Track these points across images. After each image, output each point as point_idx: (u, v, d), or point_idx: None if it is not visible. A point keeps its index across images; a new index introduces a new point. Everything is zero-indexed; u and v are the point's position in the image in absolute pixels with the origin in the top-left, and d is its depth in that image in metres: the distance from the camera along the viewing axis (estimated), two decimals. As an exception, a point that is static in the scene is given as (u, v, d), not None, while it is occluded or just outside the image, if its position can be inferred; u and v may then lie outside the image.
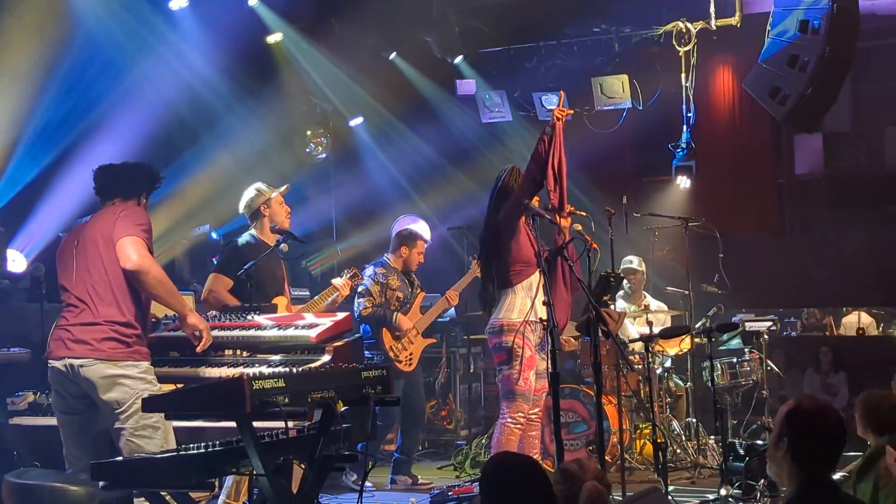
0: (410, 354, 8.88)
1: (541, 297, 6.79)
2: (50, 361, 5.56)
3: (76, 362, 5.42)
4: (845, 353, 11.96)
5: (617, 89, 12.05)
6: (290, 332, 5.94)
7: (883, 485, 5.10)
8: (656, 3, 11.60)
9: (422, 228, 9.89)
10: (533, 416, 7.16)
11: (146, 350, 5.61)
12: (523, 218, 7.00)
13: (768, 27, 9.83)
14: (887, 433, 5.37)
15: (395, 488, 8.87)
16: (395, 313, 8.78)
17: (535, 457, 7.35)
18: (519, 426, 7.02)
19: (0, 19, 8.23)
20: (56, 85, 8.81)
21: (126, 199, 5.79)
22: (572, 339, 9.54)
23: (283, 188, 7.67)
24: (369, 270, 8.90)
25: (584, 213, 7.23)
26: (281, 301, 7.21)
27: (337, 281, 7.99)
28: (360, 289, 8.74)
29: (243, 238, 7.52)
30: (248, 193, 7.60)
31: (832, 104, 10.16)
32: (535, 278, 7.02)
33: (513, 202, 6.94)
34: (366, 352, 8.76)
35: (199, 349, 5.70)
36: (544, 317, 6.86)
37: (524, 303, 7.01)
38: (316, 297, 7.97)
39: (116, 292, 5.50)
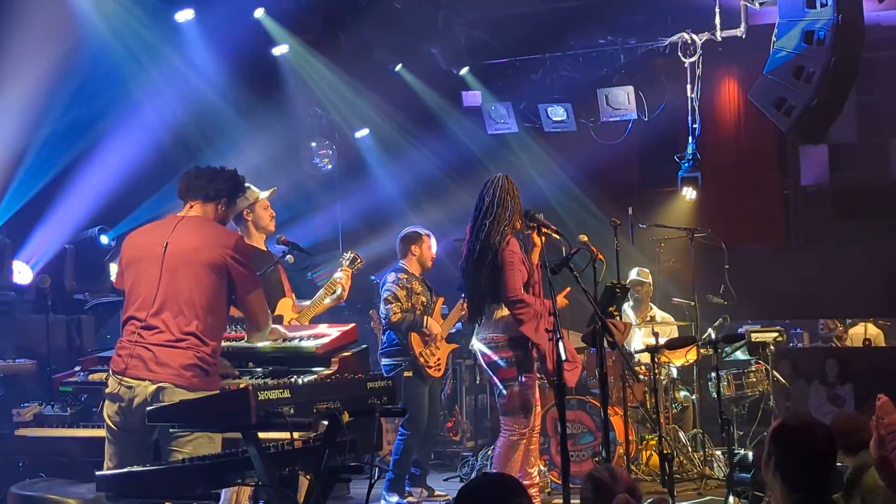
0: (439, 360, 8.68)
1: None
2: (124, 379, 5.20)
3: (157, 385, 5.12)
4: (852, 364, 11.93)
5: (622, 100, 12.06)
6: (296, 342, 5.92)
7: (871, 500, 5.07)
8: (662, 15, 11.61)
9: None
10: (535, 428, 7.17)
11: (219, 381, 5.39)
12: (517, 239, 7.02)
13: (773, 38, 9.84)
14: (861, 451, 5.33)
15: (411, 501, 8.82)
16: (426, 317, 8.54)
17: (538, 468, 7.35)
18: (525, 439, 7.02)
19: (7, 33, 8.26)
20: (62, 97, 8.84)
21: (206, 202, 5.49)
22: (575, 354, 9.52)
23: (268, 191, 7.48)
24: (391, 276, 8.61)
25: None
26: (286, 303, 7.12)
27: (337, 275, 7.56)
28: (386, 295, 8.51)
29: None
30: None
31: (837, 115, 10.17)
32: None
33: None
34: (389, 360, 8.62)
35: None
36: None
37: None
38: (319, 293, 7.55)
39: (206, 319, 5.22)
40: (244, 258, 5.34)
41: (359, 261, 7.77)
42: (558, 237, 6.95)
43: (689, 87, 11.23)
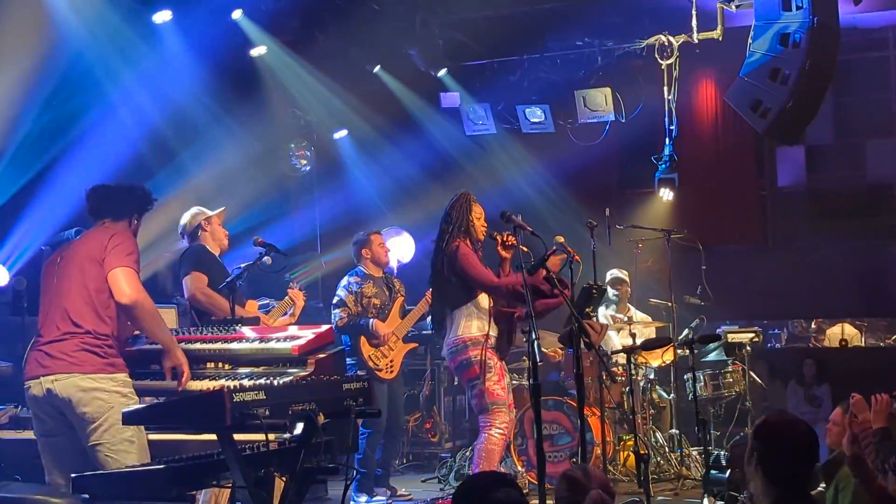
0: (391, 361, 8.79)
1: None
2: (26, 383, 5.49)
3: (51, 377, 5.36)
4: (829, 364, 11.99)
5: (600, 102, 12.09)
6: (272, 344, 5.92)
7: (842, 487, 5.16)
8: (639, 17, 11.65)
9: (405, 240, 9.91)
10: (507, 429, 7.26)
11: (121, 361, 5.55)
12: (471, 246, 7.21)
13: (749, 40, 9.88)
14: None
15: (379, 500, 8.85)
16: (372, 320, 8.69)
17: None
18: (504, 435, 7.07)
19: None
20: (39, 98, 8.81)
21: (116, 220, 5.76)
22: (559, 350, 9.55)
23: (220, 210, 7.69)
24: (343, 281, 8.92)
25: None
26: (253, 305, 7.24)
27: (292, 292, 8.06)
28: (335, 300, 8.80)
29: (198, 244, 7.59)
30: (186, 216, 7.67)
31: (813, 117, 10.21)
32: (485, 297, 7.20)
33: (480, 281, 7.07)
34: (347, 359, 8.71)
35: (180, 387, 5.65)
36: (494, 333, 7.10)
37: (481, 319, 7.13)
38: (273, 310, 7.96)
39: (90, 307, 5.48)
40: (116, 242, 5.57)
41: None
42: (527, 242, 6.99)
43: (666, 88, 11.26)
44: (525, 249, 6.88)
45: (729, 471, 7.80)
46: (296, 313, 7.96)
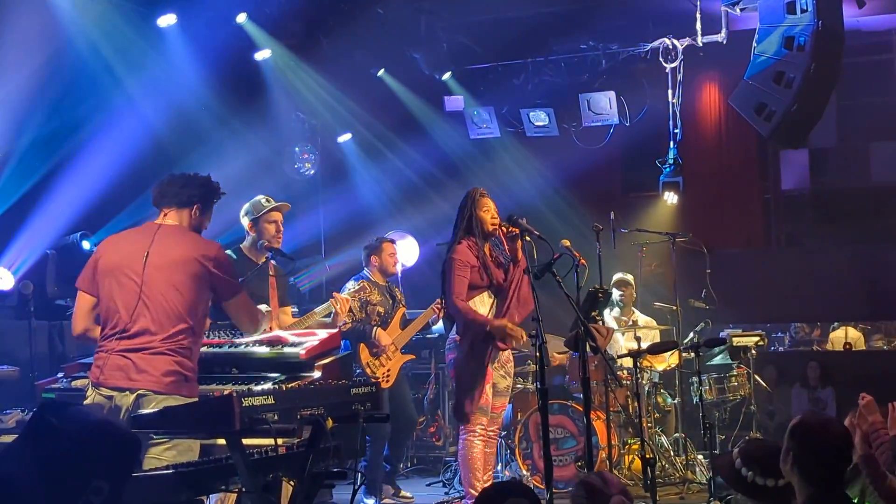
0: (388, 371, 8.70)
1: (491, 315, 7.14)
2: (101, 389, 5.26)
3: (137, 392, 5.18)
4: (833, 368, 12.00)
5: (604, 105, 12.09)
6: (280, 349, 5.92)
7: (870, 493, 5.15)
8: (643, 20, 11.66)
9: (409, 244, 9.87)
10: (491, 433, 7.24)
11: (197, 387, 5.41)
12: (473, 245, 7.18)
13: (754, 44, 9.89)
14: None
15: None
16: (376, 328, 8.60)
17: (490, 473, 7.40)
18: (480, 438, 7.08)
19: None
20: (44, 102, 8.80)
21: (180, 208, 5.56)
22: (556, 355, 9.54)
23: (280, 204, 7.40)
24: (348, 284, 8.82)
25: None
26: (287, 312, 7.14)
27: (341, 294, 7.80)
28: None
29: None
30: (248, 204, 7.33)
31: (817, 120, 10.22)
32: (485, 297, 7.21)
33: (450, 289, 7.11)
34: None
35: None
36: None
37: None
38: (317, 309, 7.82)
39: (184, 328, 5.30)
40: (224, 267, 5.47)
41: (367, 291, 8.54)
42: (542, 240, 7.01)
43: (670, 92, 11.27)
44: (527, 239, 6.92)
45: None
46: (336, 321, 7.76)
